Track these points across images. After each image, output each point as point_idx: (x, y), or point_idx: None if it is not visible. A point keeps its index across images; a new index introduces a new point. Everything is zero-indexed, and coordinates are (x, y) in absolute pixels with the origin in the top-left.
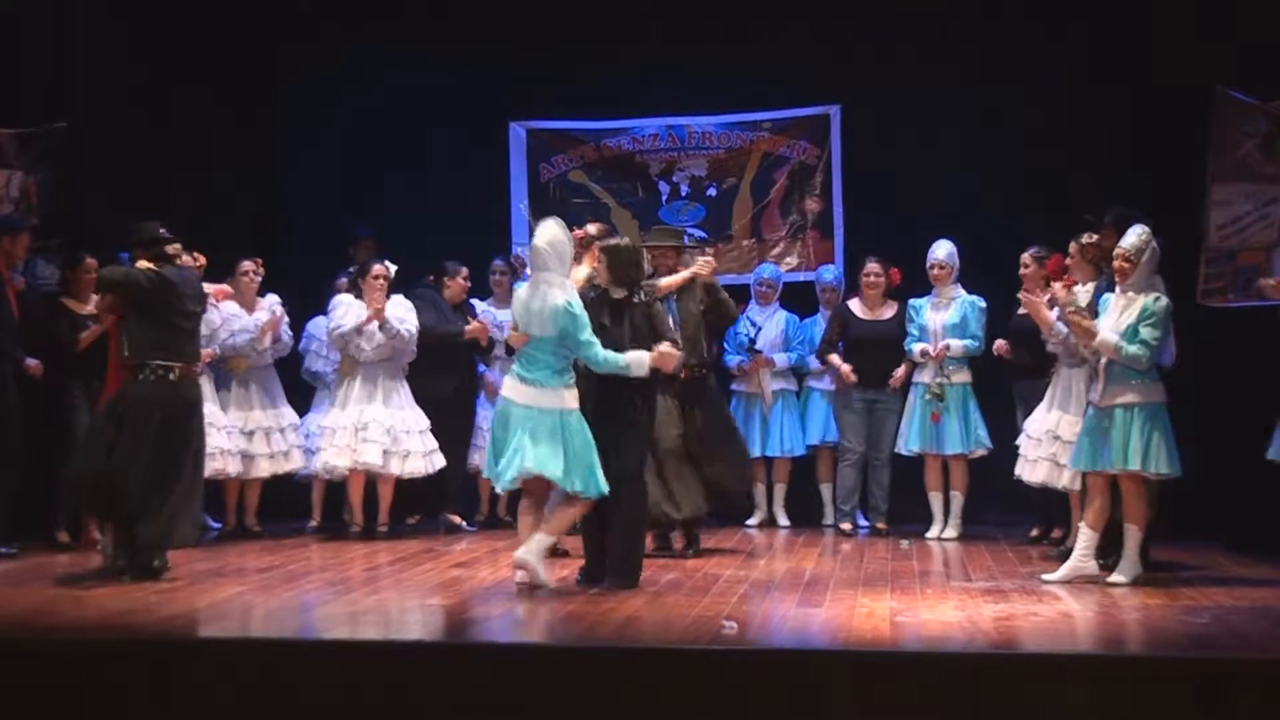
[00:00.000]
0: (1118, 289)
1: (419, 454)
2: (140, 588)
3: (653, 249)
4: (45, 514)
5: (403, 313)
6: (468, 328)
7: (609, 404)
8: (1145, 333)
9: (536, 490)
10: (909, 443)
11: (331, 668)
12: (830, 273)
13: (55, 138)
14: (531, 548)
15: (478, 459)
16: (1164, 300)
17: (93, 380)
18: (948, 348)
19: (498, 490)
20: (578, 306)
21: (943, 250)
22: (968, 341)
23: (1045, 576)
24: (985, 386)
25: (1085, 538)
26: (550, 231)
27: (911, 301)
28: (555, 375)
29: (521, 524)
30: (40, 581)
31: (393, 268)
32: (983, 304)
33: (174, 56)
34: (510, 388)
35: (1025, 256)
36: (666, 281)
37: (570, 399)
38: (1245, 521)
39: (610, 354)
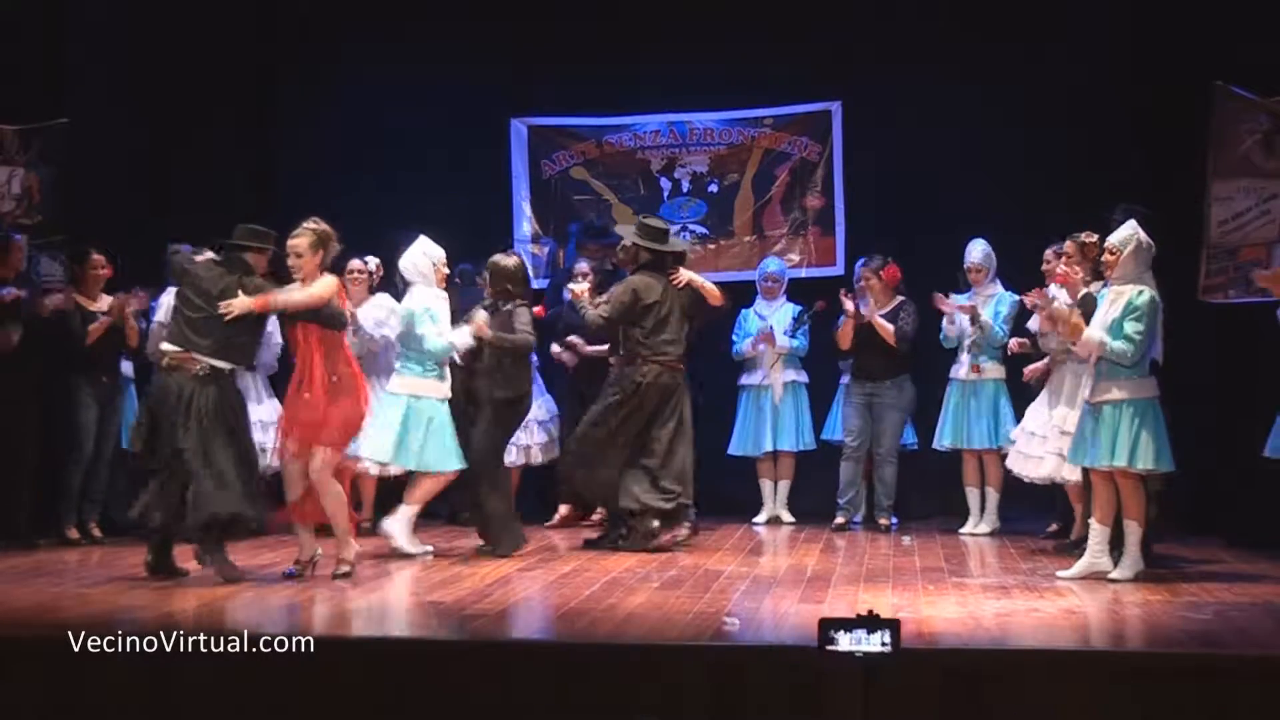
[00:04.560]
0: (1109, 283)
1: None
2: (143, 583)
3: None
4: (55, 511)
5: (382, 314)
6: None
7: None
8: (1129, 328)
9: None
10: (942, 438)
11: (329, 665)
12: (774, 264)
13: (57, 134)
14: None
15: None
16: (1148, 294)
17: (100, 376)
18: (975, 310)
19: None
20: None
21: (977, 252)
22: (996, 326)
23: (1060, 574)
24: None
25: (1097, 534)
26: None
27: (953, 297)
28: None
29: None
30: (46, 578)
31: (373, 261)
32: (1016, 298)
33: (174, 54)
34: None
35: (1048, 253)
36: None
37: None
38: (1247, 517)
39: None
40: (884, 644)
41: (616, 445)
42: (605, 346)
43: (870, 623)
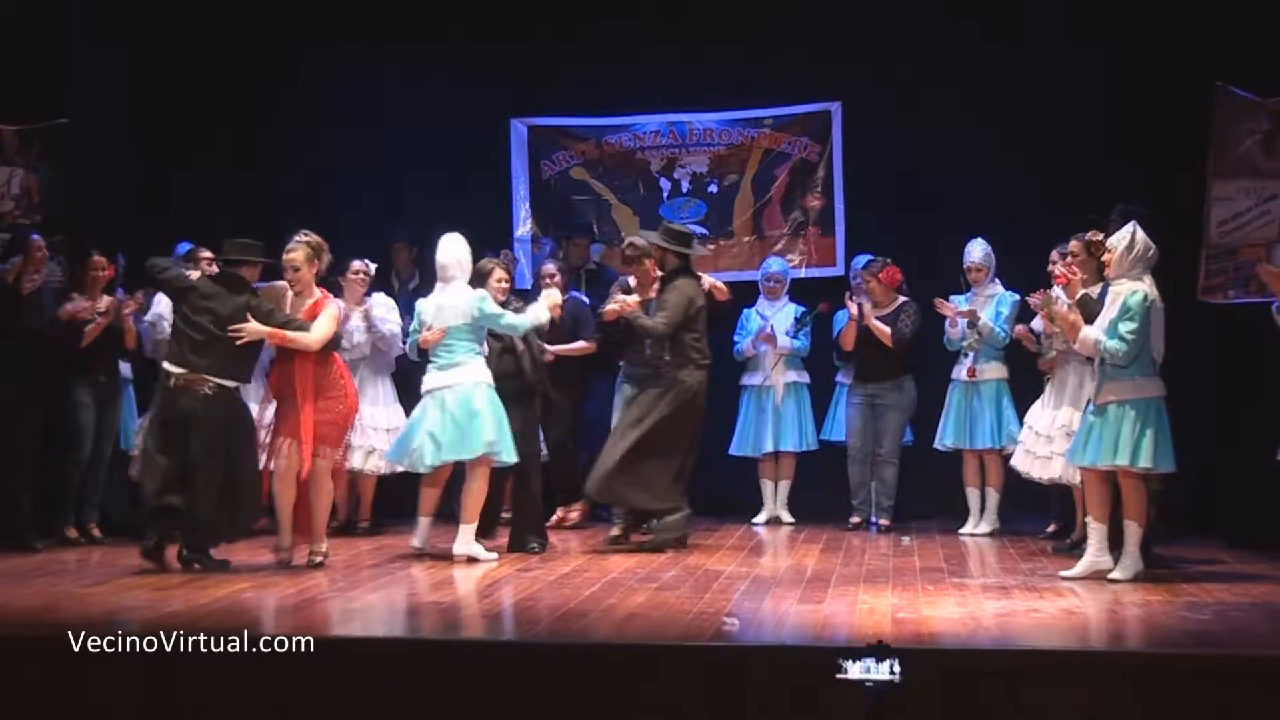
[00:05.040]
0: (1110, 283)
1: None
2: (143, 583)
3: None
4: (54, 512)
5: (384, 311)
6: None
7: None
8: (1122, 327)
9: None
10: (944, 438)
11: (329, 665)
12: (777, 264)
13: (56, 134)
14: None
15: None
16: (1141, 293)
17: (98, 377)
18: (975, 315)
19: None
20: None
21: (978, 252)
22: (996, 328)
23: (1063, 574)
24: (1019, 382)
25: (1096, 533)
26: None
27: (952, 297)
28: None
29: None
30: (46, 578)
31: (373, 266)
32: (1016, 298)
33: (174, 54)
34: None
35: (1054, 253)
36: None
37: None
38: (1247, 517)
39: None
40: (893, 673)
41: (682, 451)
42: (576, 345)
43: (879, 652)
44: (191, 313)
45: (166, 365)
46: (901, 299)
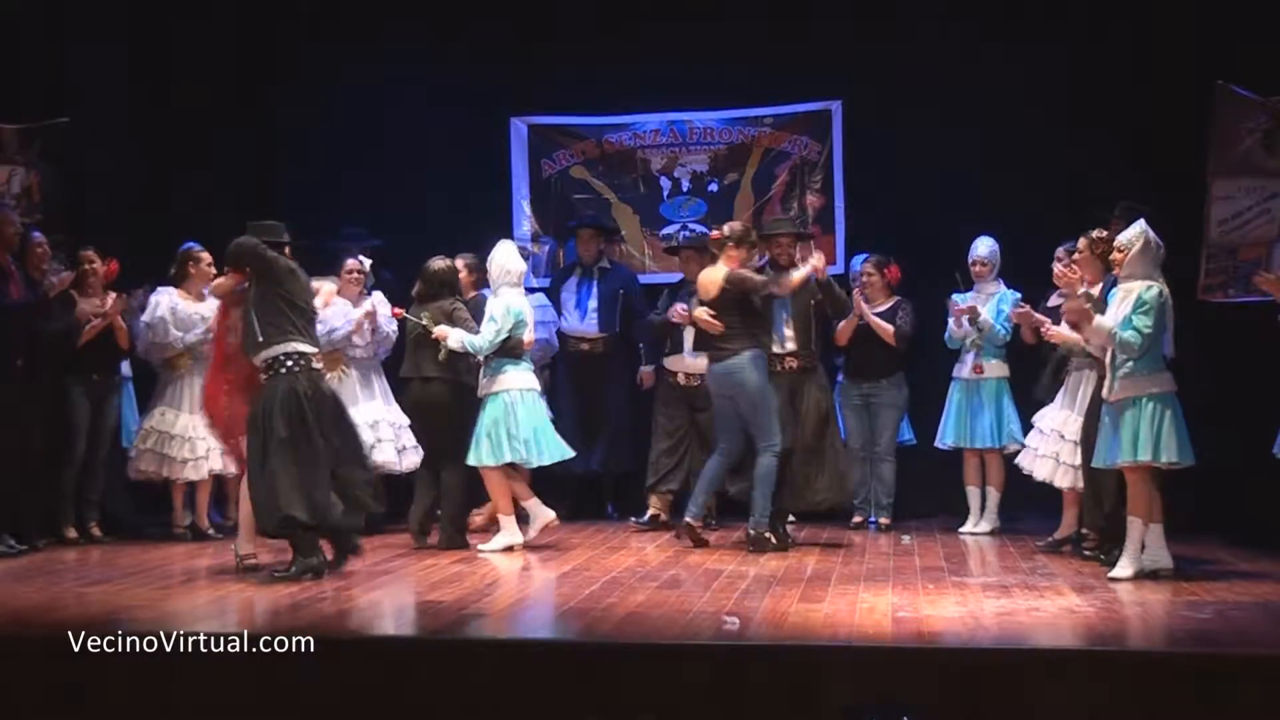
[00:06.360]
0: (1119, 281)
1: (393, 449)
2: (143, 583)
3: (772, 239)
4: (51, 510)
5: (388, 310)
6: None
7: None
8: (1137, 321)
9: None
10: (944, 437)
11: (330, 665)
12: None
13: (56, 133)
14: None
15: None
16: (1157, 289)
17: (92, 375)
18: (976, 310)
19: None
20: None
21: (984, 247)
22: (996, 325)
23: (1110, 574)
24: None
25: (1138, 532)
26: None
27: (954, 296)
28: None
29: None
30: (46, 578)
31: (367, 263)
32: (1018, 296)
33: (174, 54)
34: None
35: (1059, 251)
36: (794, 279)
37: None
38: (1247, 517)
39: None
40: None
41: None
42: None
43: (896, 710)
44: (304, 292)
45: (300, 347)
46: (896, 297)
